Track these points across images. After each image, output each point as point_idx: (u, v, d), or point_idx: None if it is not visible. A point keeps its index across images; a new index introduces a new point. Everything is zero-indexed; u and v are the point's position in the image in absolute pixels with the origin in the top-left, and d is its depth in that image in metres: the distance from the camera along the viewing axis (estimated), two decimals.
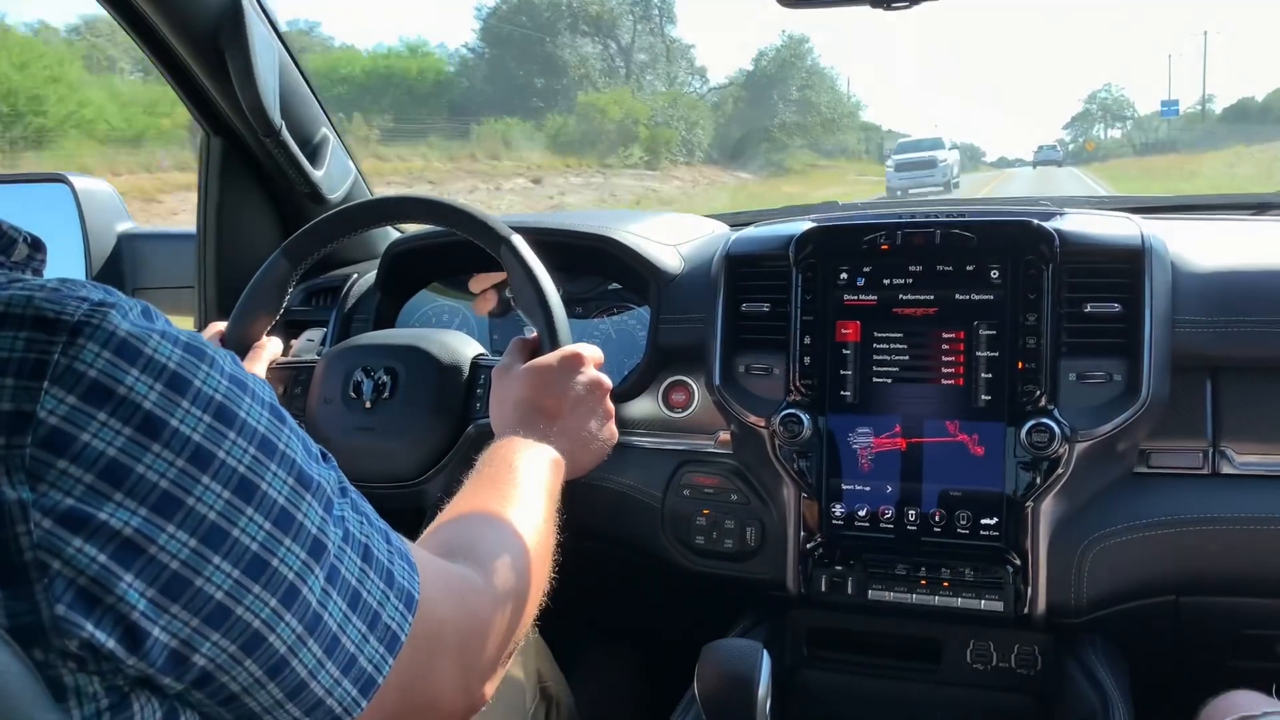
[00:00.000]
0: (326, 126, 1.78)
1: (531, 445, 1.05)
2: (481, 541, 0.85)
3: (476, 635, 0.75)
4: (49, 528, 0.49)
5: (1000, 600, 1.23)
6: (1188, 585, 1.24)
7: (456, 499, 0.94)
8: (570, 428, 1.13)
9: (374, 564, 0.65)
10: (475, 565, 0.80)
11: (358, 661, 0.62)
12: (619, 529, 1.46)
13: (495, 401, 1.18)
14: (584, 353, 1.18)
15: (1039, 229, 1.24)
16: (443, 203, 1.31)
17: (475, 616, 0.76)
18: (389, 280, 1.65)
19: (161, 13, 1.45)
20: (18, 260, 0.60)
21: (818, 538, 1.30)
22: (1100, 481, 1.23)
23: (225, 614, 0.54)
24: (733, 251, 1.39)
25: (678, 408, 1.45)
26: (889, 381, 1.28)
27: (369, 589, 0.63)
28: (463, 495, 0.94)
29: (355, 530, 0.64)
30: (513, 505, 0.93)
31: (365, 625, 0.62)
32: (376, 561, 0.65)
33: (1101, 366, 1.21)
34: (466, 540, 0.84)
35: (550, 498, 1.00)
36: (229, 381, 0.57)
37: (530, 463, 1.02)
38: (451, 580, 0.75)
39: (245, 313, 1.33)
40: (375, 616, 0.63)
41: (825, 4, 1.14)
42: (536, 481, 0.99)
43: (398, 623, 0.65)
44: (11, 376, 0.49)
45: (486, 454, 1.03)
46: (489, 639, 0.77)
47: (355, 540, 0.64)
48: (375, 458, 1.29)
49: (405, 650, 0.65)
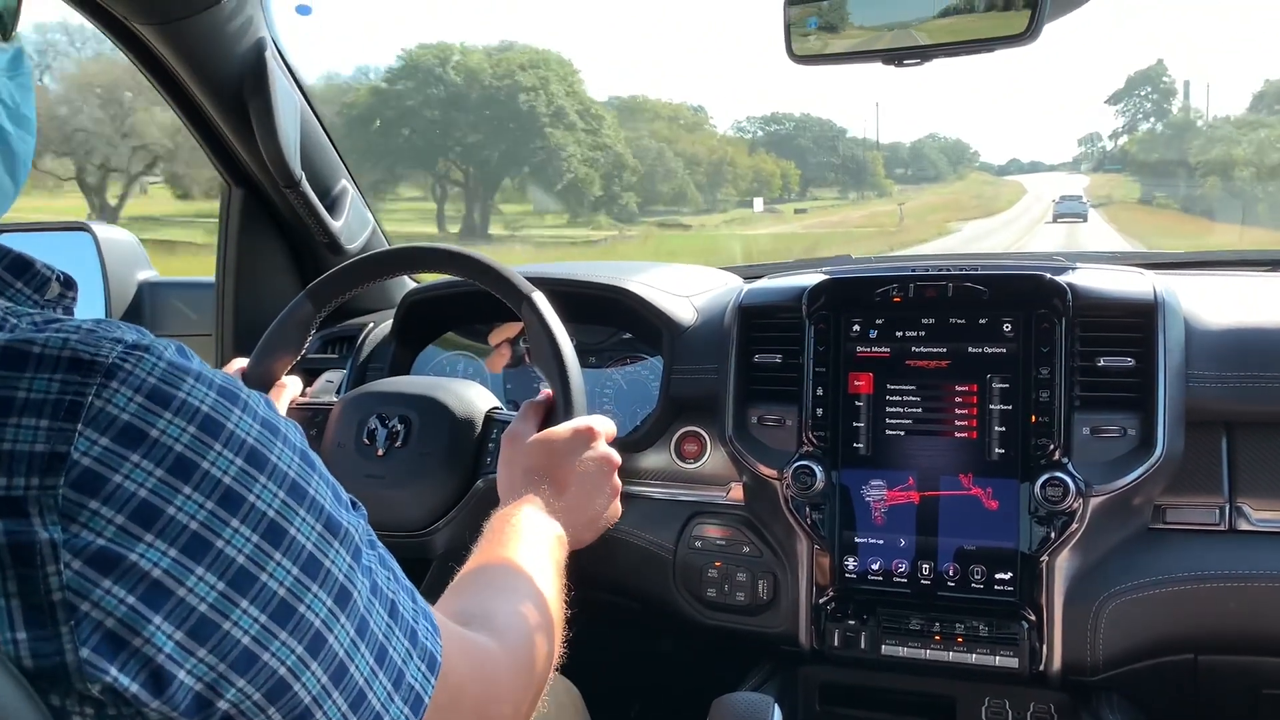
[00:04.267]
0: (345, 178, 1.81)
1: (539, 518, 1.05)
2: (497, 612, 0.84)
3: (496, 703, 0.75)
4: (78, 569, 0.49)
5: (1015, 657, 1.22)
6: (1206, 643, 1.22)
7: (467, 568, 0.93)
8: (577, 503, 1.12)
9: (400, 621, 0.64)
10: (492, 634, 0.79)
11: None
12: (629, 580, 1.45)
13: (504, 466, 1.17)
14: (596, 426, 1.18)
15: (1051, 283, 1.25)
16: (468, 255, 1.32)
17: (493, 683, 0.75)
18: (404, 329, 1.66)
19: (188, 67, 1.48)
20: (50, 298, 0.62)
21: (830, 591, 1.29)
22: (1115, 537, 1.21)
23: (251, 659, 0.54)
24: (746, 303, 1.40)
25: (690, 458, 1.45)
26: (902, 434, 1.28)
27: (395, 646, 0.63)
28: (474, 565, 0.94)
29: (383, 584, 0.64)
30: (525, 578, 0.93)
31: (391, 684, 0.61)
32: (402, 619, 0.64)
33: (1115, 421, 1.20)
34: (482, 610, 0.83)
35: (558, 573, 1.00)
36: (261, 425, 0.57)
37: (538, 537, 1.01)
38: (470, 646, 0.74)
39: (268, 351, 1.35)
40: (400, 675, 0.62)
41: (837, 61, 1.16)
42: (545, 556, 0.99)
43: (421, 684, 0.64)
44: (47, 418, 0.50)
45: (495, 521, 1.02)
46: (507, 707, 0.76)
47: (383, 594, 0.63)
48: (384, 506, 1.29)
49: (428, 714, 0.64)
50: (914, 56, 1.13)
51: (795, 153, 75.91)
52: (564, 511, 1.09)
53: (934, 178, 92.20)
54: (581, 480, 1.14)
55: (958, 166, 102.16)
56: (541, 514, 1.06)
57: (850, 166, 79.63)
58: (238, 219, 1.75)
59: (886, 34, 1.12)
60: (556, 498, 1.10)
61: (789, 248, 29.07)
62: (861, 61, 1.16)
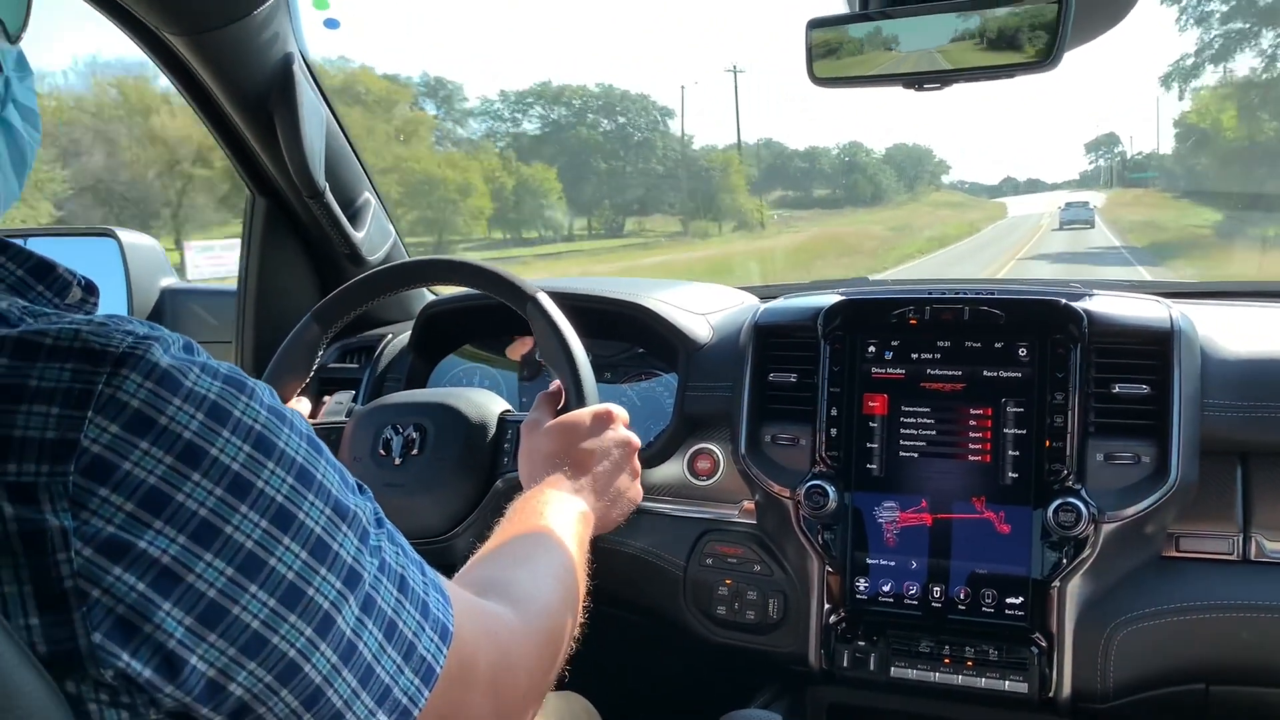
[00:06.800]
0: (369, 189, 1.83)
1: (562, 495, 1.06)
2: (514, 581, 0.85)
3: (509, 671, 0.75)
4: (89, 556, 0.50)
5: (1025, 682, 1.21)
6: (1218, 673, 1.21)
7: (488, 543, 0.94)
8: (599, 482, 1.13)
9: (410, 595, 0.65)
10: (508, 603, 0.80)
11: (392, 693, 0.62)
12: (640, 595, 1.45)
13: (524, 455, 1.18)
14: (614, 410, 1.19)
15: (1067, 308, 1.25)
16: (467, 264, 1.33)
17: (508, 652, 0.76)
18: (422, 341, 1.68)
19: (217, 77, 1.51)
20: (71, 303, 0.63)
21: (841, 612, 1.29)
22: (1128, 564, 1.21)
23: (261, 643, 0.55)
24: (762, 322, 1.40)
25: (703, 475, 1.45)
26: (915, 456, 1.28)
27: (405, 620, 0.63)
28: (495, 539, 0.95)
29: (392, 560, 0.65)
30: (544, 550, 0.93)
31: (400, 656, 0.62)
32: (412, 592, 0.65)
33: (1130, 448, 1.20)
34: (499, 580, 0.84)
35: (580, 547, 1.00)
36: (268, 412, 0.58)
37: (561, 511, 1.02)
38: (484, 616, 0.75)
39: (276, 374, 1.36)
40: (411, 648, 0.63)
41: (858, 85, 1.17)
42: (568, 529, 1.00)
43: (433, 655, 0.65)
44: (57, 406, 0.51)
45: (518, 502, 1.04)
46: (521, 675, 0.77)
47: (392, 570, 0.64)
48: (404, 514, 1.29)
49: (440, 683, 0.65)
50: (934, 81, 1.14)
51: (575, 153, 52.27)
52: (587, 491, 1.10)
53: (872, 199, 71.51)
54: (602, 460, 1.15)
55: (914, 184, 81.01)
56: (564, 492, 1.07)
57: (702, 182, 53.55)
58: (261, 228, 1.77)
59: (908, 58, 1.13)
60: (579, 477, 1.11)
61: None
62: (882, 85, 1.17)
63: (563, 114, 56.53)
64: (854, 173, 75.32)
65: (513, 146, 53.80)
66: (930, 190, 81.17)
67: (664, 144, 58.08)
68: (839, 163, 77.69)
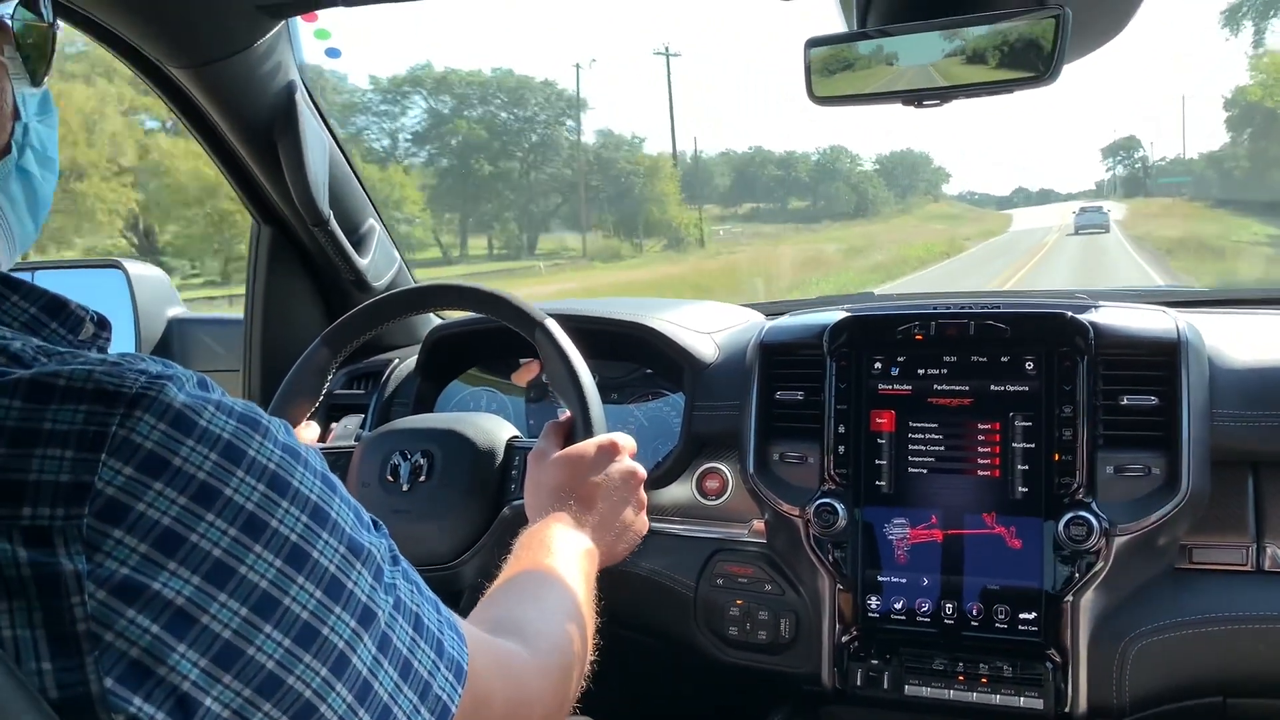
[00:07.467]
0: (373, 216, 1.84)
1: (568, 532, 1.06)
2: (525, 619, 0.85)
3: (524, 707, 0.75)
4: (102, 599, 0.49)
5: (1040, 698, 1.20)
6: (1235, 686, 1.20)
7: (498, 583, 0.94)
8: (605, 518, 1.13)
9: (425, 633, 0.65)
10: (521, 641, 0.80)
11: None
12: (650, 616, 1.44)
13: (530, 486, 1.18)
14: (619, 441, 1.19)
15: (1073, 321, 1.25)
16: (475, 289, 1.34)
17: (522, 689, 0.76)
18: (429, 365, 1.68)
19: (220, 108, 1.52)
20: (84, 339, 0.63)
21: (853, 630, 1.29)
22: (1141, 576, 1.20)
23: (277, 684, 0.54)
24: (767, 340, 1.40)
25: (712, 495, 1.45)
26: (924, 472, 1.28)
27: (420, 658, 0.63)
28: (503, 578, 0.95)
29: (407, 598, 0.64)
30: (553, 588, 0.94)
31: (416, 696, 0.62)
32: (427, 631, 0.65)
33: (1140, 459, 1.20)
34: (510, 618, 0.85)
35: (588, 584, 1.01)
36: (282, 450, 0.58)
37: (567, 549, 1.02)
38: (498, 653, 0.75)
39: (287, 398, 1.36)
40: (426, 687, 0.63)
41: (857, 102, 1.17)
42: (574, 567, 1.00)
43: (448, 694, 0.64)
44: (72, 449, 0.51)
45: (524, 538, 1.04)
46: (536, 711, 0.77)
47: (407, 608, 0.64)
48: (411, 540, 1.29)
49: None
50: (934, 97, 1.14)
51: (459, 154, 44.62)
52: (592, 526, 1.11)
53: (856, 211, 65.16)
54: (608, 494, 1.15)
55: (906, 194, 75.13)
56: (570, 528, 1.07)
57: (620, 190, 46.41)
58: (266, 256, 1.78)
59: (906, 75, 1.13)
60: (584, 512, 1.11)
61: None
62: (882, 102, 1.17)
63: (446, 105, 46.99)
64: (834, 180, 69.36)
65: (387, 148, 45.11)
66: (926, 201, 76.04)
67: (571, 143, 49.69)
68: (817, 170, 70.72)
